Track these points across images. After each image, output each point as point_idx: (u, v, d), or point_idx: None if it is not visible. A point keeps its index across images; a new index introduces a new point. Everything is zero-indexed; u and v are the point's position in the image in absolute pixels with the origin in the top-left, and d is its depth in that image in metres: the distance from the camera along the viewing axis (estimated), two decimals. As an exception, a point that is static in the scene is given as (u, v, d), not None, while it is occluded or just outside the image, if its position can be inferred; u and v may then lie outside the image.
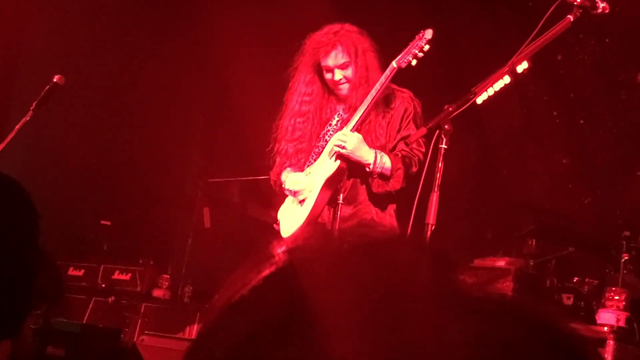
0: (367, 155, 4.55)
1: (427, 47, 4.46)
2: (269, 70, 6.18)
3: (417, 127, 4.58)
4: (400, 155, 4.59)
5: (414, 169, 4.58)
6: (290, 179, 4.77)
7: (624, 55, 6.36)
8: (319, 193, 4.66)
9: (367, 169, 4.57)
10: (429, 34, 4.46)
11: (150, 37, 7.79)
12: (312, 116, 4.82)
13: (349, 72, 4.69)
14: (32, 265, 1.59)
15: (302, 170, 4.80)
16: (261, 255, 0.76)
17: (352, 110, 4.66)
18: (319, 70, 4.80)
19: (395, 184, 4.59)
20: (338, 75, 4.69)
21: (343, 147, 4.52)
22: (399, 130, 4.68)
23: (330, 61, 4.69)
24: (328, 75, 4.74)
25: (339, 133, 4.57)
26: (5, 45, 7.25)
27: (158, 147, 7.88)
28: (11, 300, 1.55)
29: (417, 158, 4.59)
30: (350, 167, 4.67)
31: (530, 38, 4.06)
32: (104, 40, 7.66)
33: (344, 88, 4.72)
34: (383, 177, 4.57)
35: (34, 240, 1.60)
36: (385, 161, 4.55)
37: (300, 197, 4.73)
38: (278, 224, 4.91)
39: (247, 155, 7.15)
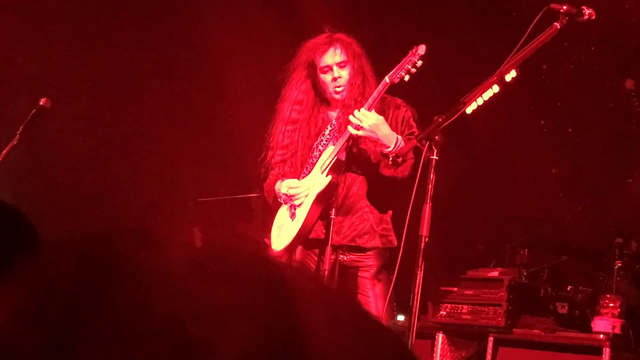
0: (388, 137, 4.52)
1: (420, 63, 4.46)
2: (259, 89, 6.18)
3: (417, 126, 4.61)
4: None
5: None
6: (285, 183, 4.75)
7: (610, 62, 6.37)
8: (310, 208, 4.64)
9: (384, 151, 4.54)
10: (422, 49, 4.47)
11: (139, 57, 7.76)
12: (301, 126, 4.80)
13: (345, 72, 4.68)
14: None
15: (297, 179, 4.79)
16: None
17: (346, 110, 4.64)
18: (313, 76, 4.77)
19: (404, 171, 4.57)
20: (337, 72, 4.67)
21: (360, 127, 4.49)
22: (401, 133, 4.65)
23: (328, 59, 4.69)
24: (327, 77, 4.71)
25: (356, 111, 4.52)
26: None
27: (146, 168, 7.85)
28: None
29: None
30: (344, 175, 4.66)
31: (518, 46, 4.07)
32: (92, 60, 7.62)
33: (341, 90, 4.70)
34: (395, 162, 4.55)
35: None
36: (402, 147, 4.52)
37: (296, 201, 4.71)
38: (269, 239, 4.89)
39: (236, 174, 7.13)
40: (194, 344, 0.62)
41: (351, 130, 4.51)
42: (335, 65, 4.69)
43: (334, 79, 4.69)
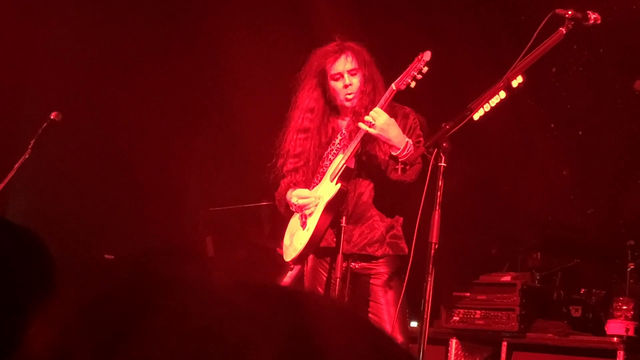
0: (398, 138, 4.52)
1: (425, 69, 4.47)
2: (270, 97, 6.19)
3: (425, 135, 4.61)
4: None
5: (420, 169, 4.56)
6: (296, 193, 4.76)
7: (619, 64, 6.36)
8: (320, 216, 4.65)
9: (393, 153, 4.55)
10: (427, 55, 4.47)
11: (149, 68, 7.79)
12: (313, 134, 4.81)
13: (356, 80, 4.69)
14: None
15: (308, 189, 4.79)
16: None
17: (357, 117, 4.64)
18: (323, 84, 4.78)
19: (411, 175, 4.57)
20: (348, 79, 4.68)
21: (372, 125, 4.49)
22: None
23: (339, 66, 4.70)
24: (337, 84, 4.72)
25: (371, 111, 4.53)
26: (8, 82, 7.23)
27: (158, 178, 7.88)
28: None
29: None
30: (354, 183, 4.67)
31: (524, 52, 4.07)
32: (102, 73, 7.65)
33: (352, 97, 4.70)
34: (403, 169, 4.55)
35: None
36: (412, 151, 4.52)
37: (307, 211, 4.72)
38: (281, 248, 4.91)
39: (248, 183, 7.15)
40: (237, 343, 0.71)
41: (362, 126, 4.52)
42: (347, 72, 4.70)
43: (345, 86, 4.70)
